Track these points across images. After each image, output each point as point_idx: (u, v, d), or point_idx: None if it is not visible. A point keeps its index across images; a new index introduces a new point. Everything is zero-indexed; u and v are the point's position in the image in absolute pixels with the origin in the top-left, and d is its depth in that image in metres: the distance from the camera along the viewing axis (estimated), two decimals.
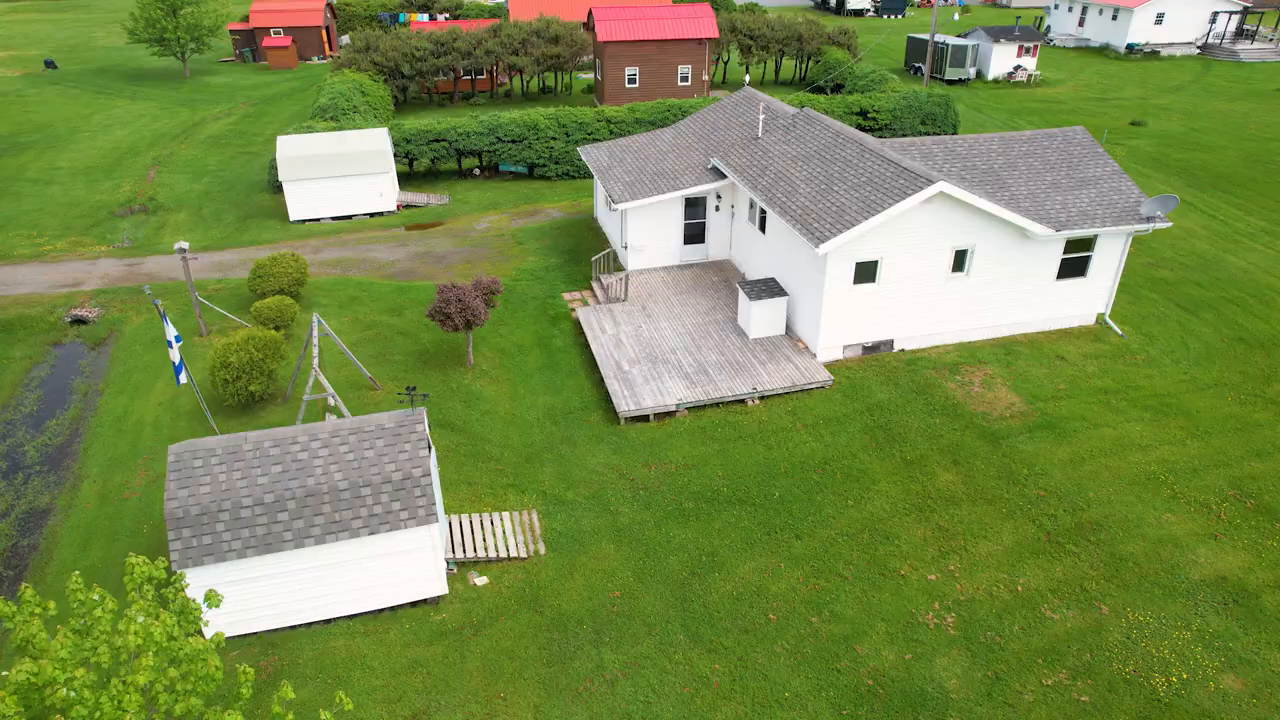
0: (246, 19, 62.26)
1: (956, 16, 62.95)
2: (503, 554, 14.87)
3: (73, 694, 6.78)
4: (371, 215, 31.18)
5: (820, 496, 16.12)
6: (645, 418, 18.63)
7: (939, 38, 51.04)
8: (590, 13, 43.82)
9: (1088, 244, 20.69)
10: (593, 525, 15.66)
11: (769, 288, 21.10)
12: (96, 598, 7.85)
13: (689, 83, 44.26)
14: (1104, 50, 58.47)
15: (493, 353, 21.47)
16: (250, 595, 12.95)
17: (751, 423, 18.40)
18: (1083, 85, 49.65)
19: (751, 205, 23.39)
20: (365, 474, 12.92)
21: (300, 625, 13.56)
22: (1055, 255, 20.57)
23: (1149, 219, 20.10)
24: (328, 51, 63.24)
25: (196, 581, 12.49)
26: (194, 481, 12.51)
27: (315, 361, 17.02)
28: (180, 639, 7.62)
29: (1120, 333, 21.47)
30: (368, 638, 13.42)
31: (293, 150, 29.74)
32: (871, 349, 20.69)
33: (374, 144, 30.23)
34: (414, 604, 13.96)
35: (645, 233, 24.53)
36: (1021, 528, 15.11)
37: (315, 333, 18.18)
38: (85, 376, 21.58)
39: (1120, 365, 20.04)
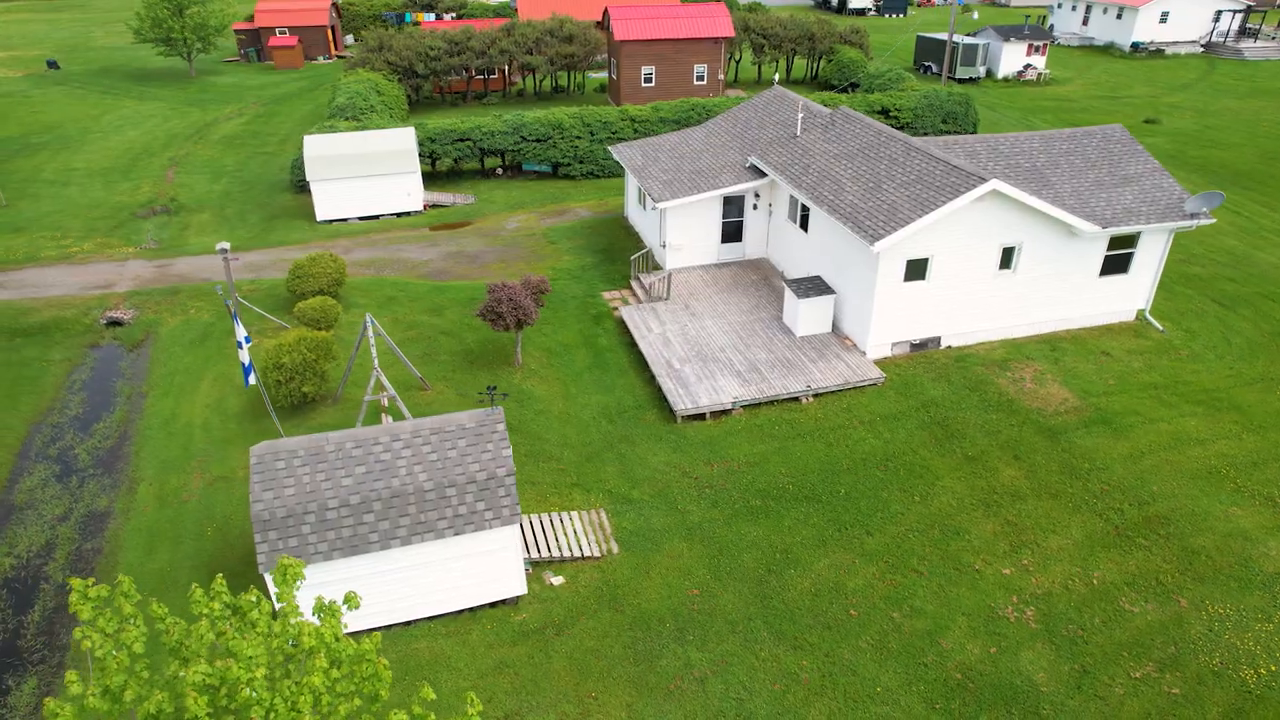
0: (251, 19, 61.83)
1: (975, 15, 63.18)
2: (576, 553, 14.85)
3: (253, 694, 6.75)
4: (399, 215, 31.04)
5: (886, 493, 16.19)
6: (701, 416, 18.65)
7: (947, 37, 51.26)
8: (606, 12, 43.78)
9: (1131, 241, 20.86)
10: (663, 524, 15.67)
11: (816, 286, 21.16)
12: (254, 599, 7.78)
13: (704, 82, 44.29)
14: (1109, 49, 58.93)
15: (539, 352, 21.43)
16: (334, 598, 12.85)
17: (808, 420, 18.46)
18: (1092, 84, 50.03)
19: (792, 203, 23.44)
20: (450, 474, 12.87)
21: (380, 628, 13.50)
22: (1099, 252, 20.72)
23: (1193, 215, 20.28)
24: (333, 51, 62.91)
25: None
26: (278, 483, 12.43)
27: (375, 362, 16.94)
28: (345, 640, 7.58)
29: (1161, 329, 21.66)
30: (450, 639, 13.38)
31: (320, 150, 29.58)
32: (919, 346, 20.79)
33: (401, 143, 30.10)
34: (493, 605, 13.93)
35: (684, 231, 24.54)
36: (1089, 522, 15.23)
37: (370, 333, 18.10)
38: (127, 379, 21.41)
39: (1166, 361, 20.22)
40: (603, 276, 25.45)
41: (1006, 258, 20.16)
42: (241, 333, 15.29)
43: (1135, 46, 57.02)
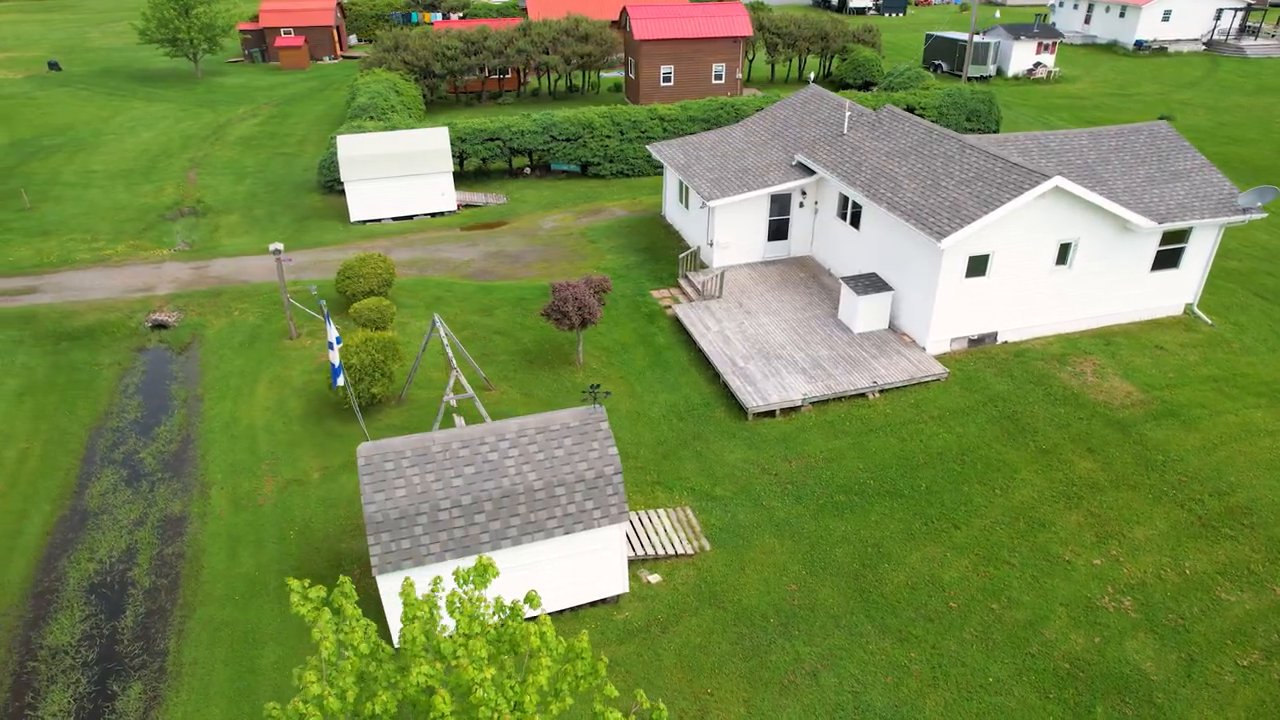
0: (256, 19, 61.26)
1: (998, 14, 63.63)
2: (669, 551, 14.88)
3: (484, 694, 6.72)
4: (432, 215, 30.90)
5: (966, 487, 16.34)
6: (771, 413, 18.72)
7: (959, 35, 51.71)
8: (624, 11, 43.77)
9: (1182, 236, 21.14)
10: (749, 520, 15.73)
11: (873, 283, 21.29)
12: (457, 602, 7.73)
13: (723, 81, 44.40)
14: (1112, 47, 59.63)
15: (597, 351, 21.43)
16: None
17: (877, 416, 18.58)
18: (1100, 81, 50.60)
19: (841, 200, 23.57)
20: (558, 473, 12.87)
21: None
22: (1151, 247, 20.99)
23: (1246, 210, 20.60)
24: (338, 51, 62.48)
25: (393, 586, 12.38)
26: (388, 484, 12.37)
27: (453, 362, 16.88)
28: (558, 639, 7.57)
29: (1210, 322, 21.98)
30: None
31: (353, 150, 29.39)
32: (977, 341, 20.98)
33: (435, 143, 29.96)
34: (593, 604, 13.94)
35: (731, 229, 24.61)
36: (1172, 513, 15.44)
37: (443, 333, 18.04)
38: (180, 382, 21.19)
39: (1220, 354, 20.52)
40: (649, 275, 25.46)
41: (1063, 253, 20.38)
42: (333, 333, 15.17)
43: (1139, 44, 57.73)
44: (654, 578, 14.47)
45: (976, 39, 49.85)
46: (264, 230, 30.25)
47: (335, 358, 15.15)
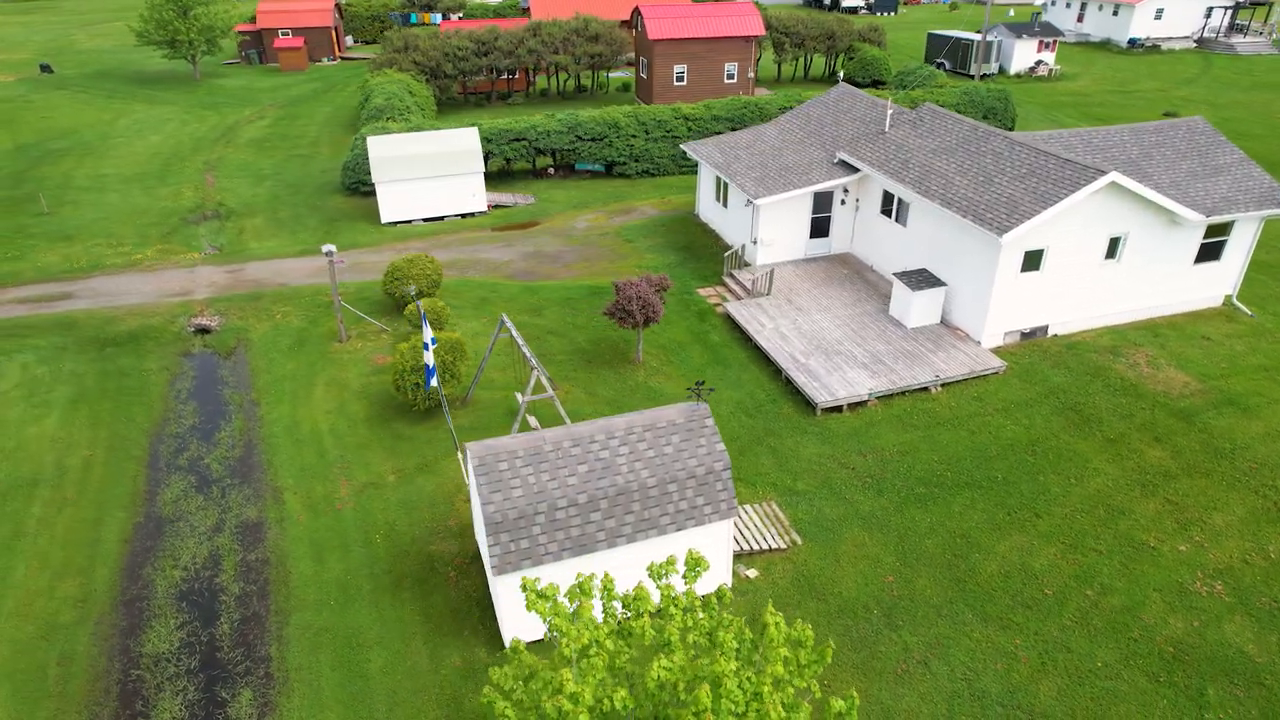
0: (253, 20, 60.51)
1: (1011, 12, 64.24)
2: (762, 545, 14.99)
3: (733, 686, 6.77)
4: (463, 216, 30.77)
5: (1042, 477, 16.62)
6: (838, 408, 18.91)
7: (962, 34, 52.37)
8: (637, 11, 43.82)
9: (1224, 229, 21.63)
10: (835, 513, 15.89)
11: (925, 278, 21.55)
12: (699, 604, 7.72)
13: (735, 80, 44.61)
14: (1106, 45, 60.68)
15: (654, 349, 21.48)
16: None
17: (942, 409, 18.83)
18: (1099, 79, 51.49)
19: (885, 197, 23.82)
20: (670, 470, 12.92)
21: None
22: (1195, 241, 21.45)
23: None
24: (336, 53, 61.89)
25: (510, 586, 12.38)
26: (504, 485, 12.35)
27: (533, 361, 16.85)
28: (784, 627, 7.63)
29: (1250, 313, 22.50)
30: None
31: (384, 151, 29.19)
32: (1029, 335, 21.31)
33: (466, 143, 29.84)
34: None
35: (775, 227, 24.78)
36: (1247, 499, 15.82)
37: (513, 332, 18.00)
38: (232, 387, 20.95)
39: (1266, 344, 21.02)
40: (692, 274, 25.56)
41: (1112, 247, 20.76)
42: (429, 334, 15.08)
43: (1132, 42, 58.82)
44: (751, 572, 14.57)
45: (976, 37, 50.49)
46: (292, 233, 29.95)
47: (430, 359, 15.07)
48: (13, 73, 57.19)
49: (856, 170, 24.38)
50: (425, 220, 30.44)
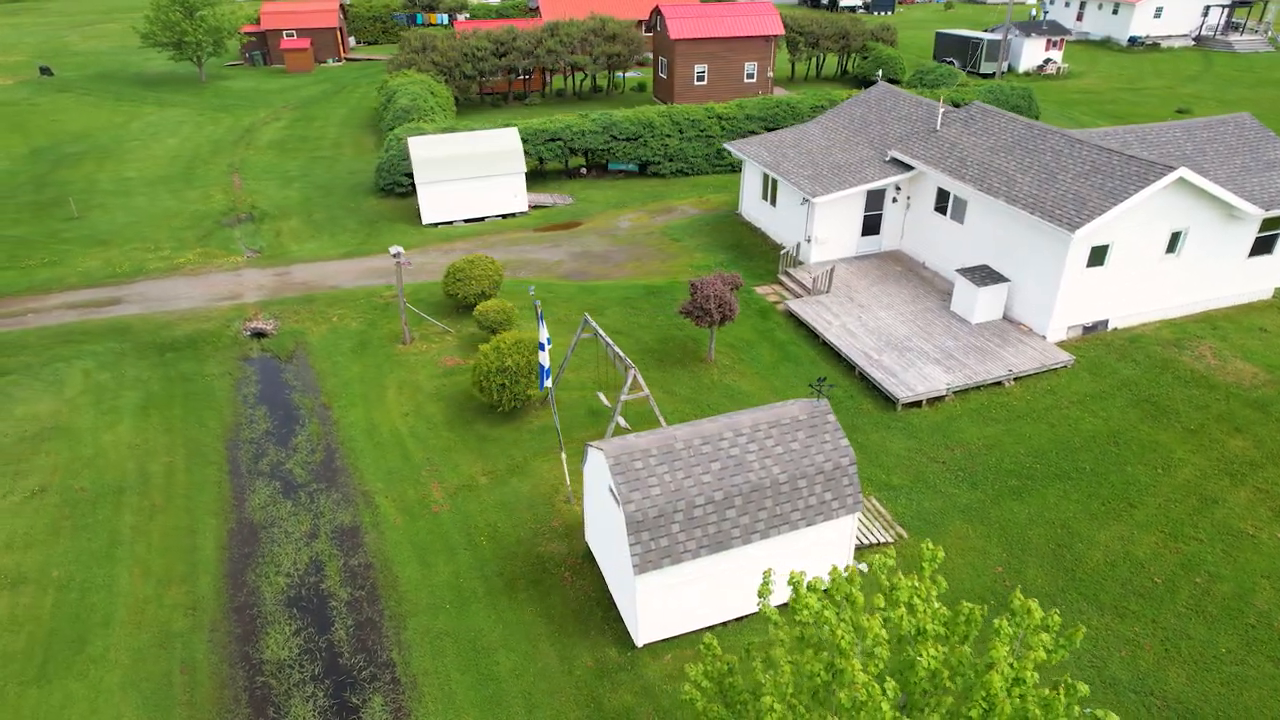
0: (257, 21, 59.81)
1: (1034, 13, 64.89)
2: (870, 540, 15.13)
3: (1004, 672, 6.85)
4: (504, 217, 30.66)
5: (1129, 468, 16.90)
6: (918, 403, 19.09)
7: (970, 33, 52.95)
8: (658, 10, 43.86)
9: (1277, 222, 22.08)
10: (934, 507, 16.05)
11: (989, 275, 21.81)
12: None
13: (754, 79, 44.80)
14: (1106, 43, 61.60)
15: (722, 347, 21.55)
16: (693, 596, 12.90)
17: (1019, 403, 19.07)
18: (1106, 77, 52.27)
19: (940, 195, 24.06)
20: (799, 466, 13.00)
21: (716, 625, 13.55)
22: (1251, 234, 21.87)
23: None
24: (341, 54, 61.34)
25: (650, 586, 12.40)
26: (642, 484, 12.36)
27: (627, 360, 16.83)
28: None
29: None
30: (788, 629, 13.48)
31: (426, 152, 29.02)
32: (1090, 329, 21.63)
33: (507, 144, 29.74)
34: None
35: (829, 225, 24.95)
36: None
37: (597, 331, 17.99)
38: (300, 391, 20.75)
39: None
40: (746, 272, 25.63)
41: (1173, 242, 21.13)
42: (544, 335, 15.03)
43: (1133, 40, 59.77)
44: (863, 566, 14.67)
45: (987, 36, 51.13)
46: (332, 235, 29.69)
47: (545, 360, 15.02)
48: (11, 75, 56.16)
49: (909, 168, 24.60)
50: (466, 221, 30.30)
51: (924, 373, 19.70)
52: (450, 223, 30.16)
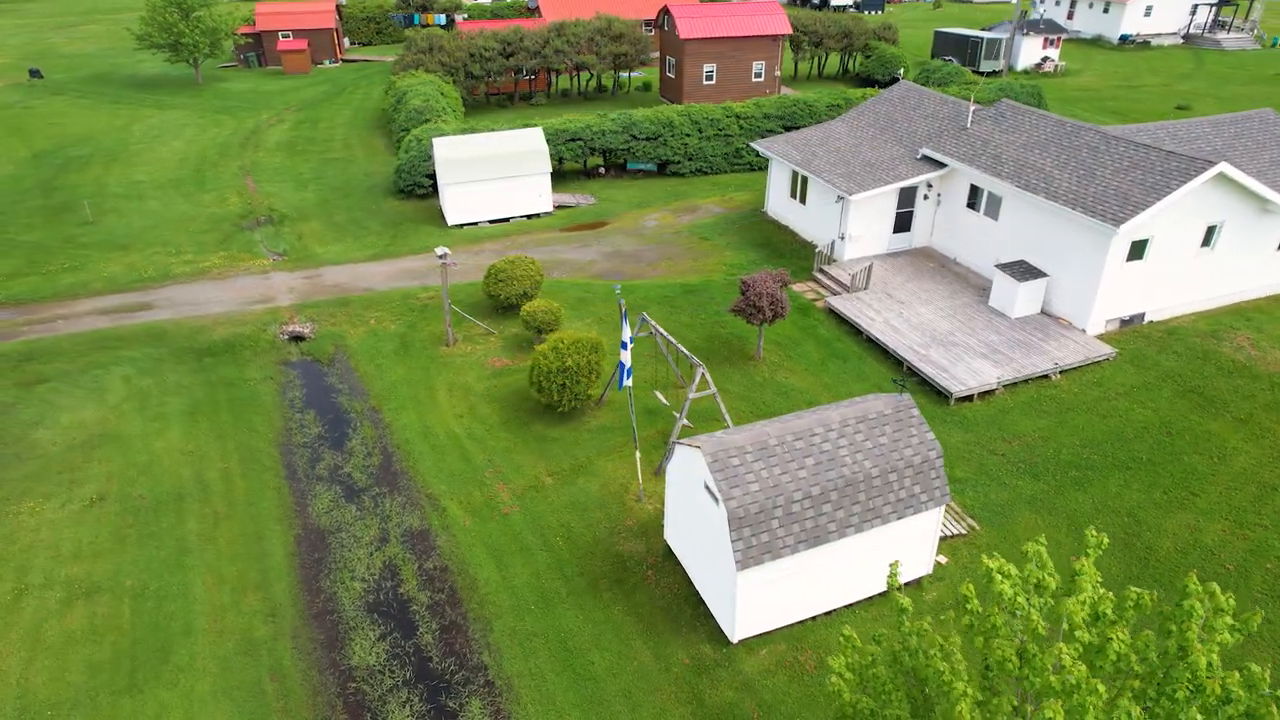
0: (252, 22, 59.03)
1: (1040, 11, 65.28)
2: (944, 532, 15.28)
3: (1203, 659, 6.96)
4: (528, 217, 30.55)
5: (1186, 457, 17.21)
6: (969, 397, 19.31)
7: (969, 32, 53.54)
8: (665, 10, 43.92)
9: None
10: (1000, 498, 16.26)
11: (1027, 270, 22.09)
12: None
13: (762, 78, 45.00)
14: (1097, 41, 62.57)
15: (768, 345, 21.65)
16: (788, 591, 12.96)
17: (1067, 395, 19.35)
18: (1102, 74, 53.11)
19: (973, 191, 24.33)
20: (889, 460, 13.12)
21: (807, 619, 13.62)
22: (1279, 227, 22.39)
23: None
24: (338, 55, 60.72)
25: (750, 581, 12.45)
26: (741, 480, 12.41)
27: (694, 358, 16.86)
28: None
29: None
30: (878, 623, 13.60)
31: (451, 153, 28.85)
32: (1127, 322, 21.99)
33: (532, 144, 29.65)
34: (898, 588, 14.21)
35: (863, 223, 25.15)
36: None
37: (656, 329, 18.01)
38: (346, 394, 20.57)
39: None
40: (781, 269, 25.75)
41: (1208, 235, 21.55)
42: (627, 334, 15.01)
43: (1124, 39, 60.78)
44: (941, 558, 14.84)
45: (990, 35, 51.74)
46: (356, 237, 29.43)
47: (628, 359, 15.00)
48: (0, 78, 54.99)
49: (941, 165, 24.87)
50: (491, 222, 30.16)
51: (972, 367, 19.92)
52: (475, 224, 30.00)
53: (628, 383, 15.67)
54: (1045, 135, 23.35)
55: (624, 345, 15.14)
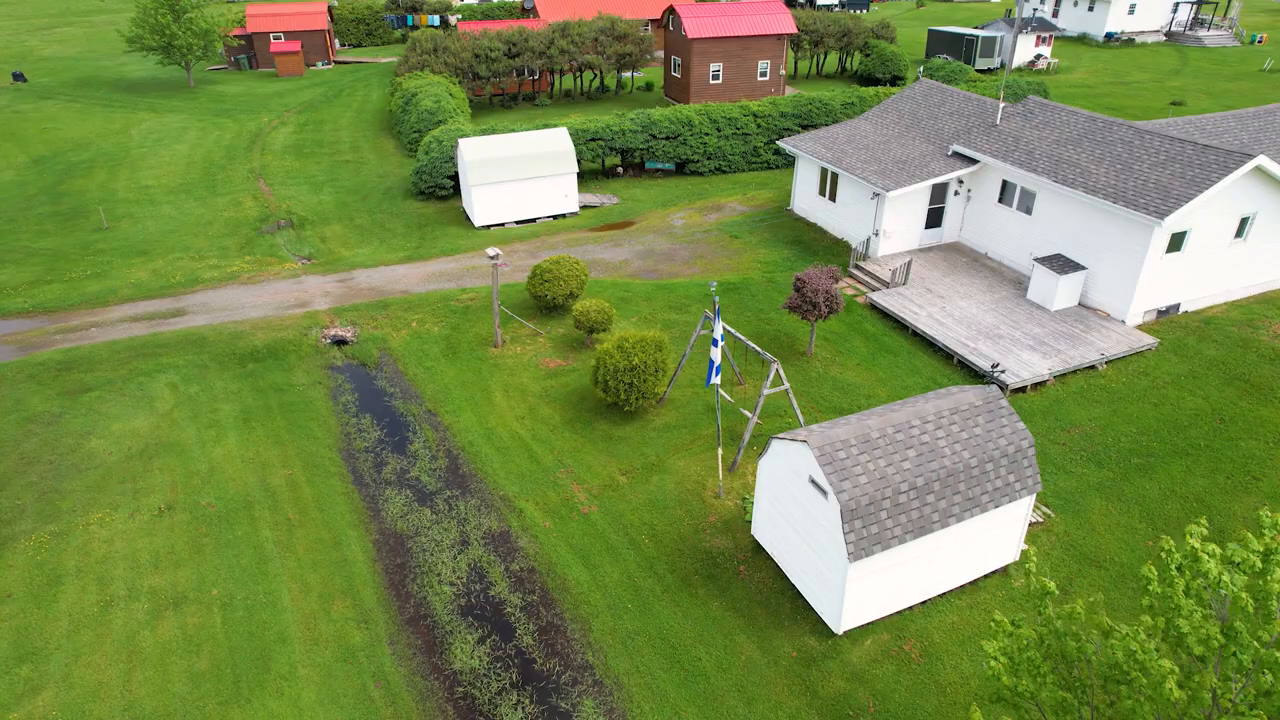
0: (244, 24, 58.09)
1: (1041, 8, 65.88)
2: None
3: None
4: (555, 217, 30.47)
5: (1242, 442, 17.68)
6: (1023, 388, 19.65)
7: (963, 30, 54.35)
8: (671, 10, 44.02)
9: None
10: (1070, 486, 16.57)
11: (1066, 263, 22.53)
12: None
13: (767, 78, 45.30)
14: (1083, 39, 63.86)
15: (816, 341, 21.83)
16: (891, 581, 13.12)
17: (1117, 385, 19.78)
18: (1093, 71, 54.22)
19: (1005, 187, 24.73)
20: (985, 450, 13.33)
21: (904, 609, 13.79)
22: None
23: None
24: (330, 56, 59.99)
25: (860, 573, 12.59)
26: (850, 473, 12.54)
27: (766, 353, 16.96)
28: None
29: None
30: (972, 610, 13.83)
31: (479, 154, 28.68)
32: (1164, 313, 22.52)
33: (559, 144, 29.58)
34: (986, 576, 14.47)
35: (897, 219, 25.46)
36: None
37: (730, 330, 18.08)
38: (399, 398, 20.38)
39: None
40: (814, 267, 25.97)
41: (1241, 227, 22.14)
42: (719, 331, 15.05)
43: (1109, 36, 62.10)
44: (1023, 545, 15.10)
45: (986, 33, 52.56)
46: (382, 240, 29.14)
47: (718, 356, 15.05)
48: None
49: (973, 162, 25.26)
50: (518, 222, 30.04)
51: (1022, 359, 20.28)
52: (502, 224, 29.87)
53: (715, 380, 15.72)
54: (1078, 131, 23.82)
55: (714, 342, 15.20)
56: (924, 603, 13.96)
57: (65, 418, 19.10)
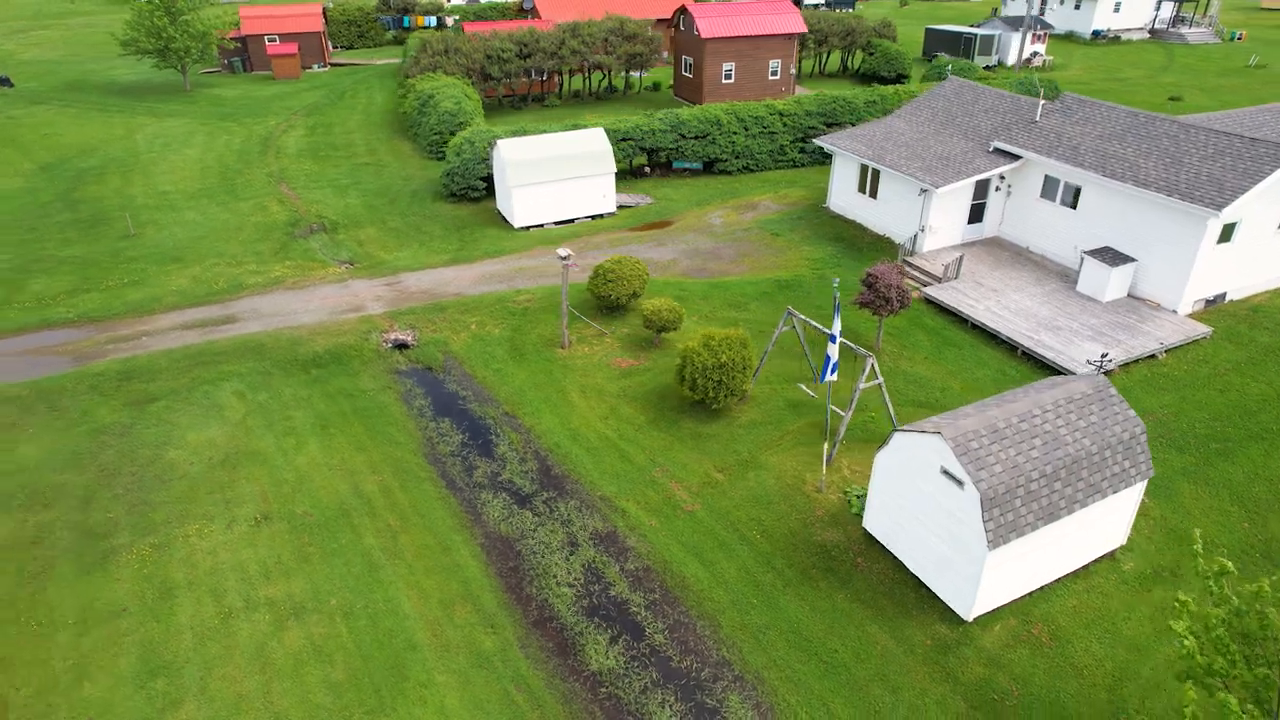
0: (238, 26, 57.02)
1: (980, 15, 67.06)
2: None
3: None
4: (593, 218, 30.42)
5: None
6: None
7: (960, 28, 55.29)
8: (684, 9, 44.16)
9: None
10: (1156, 472, 16.97)
11: (1115, 255, 23.07)
12: None
13: (778, 77, 45.64)
14: (1070, 37, 65.28)
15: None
16: (1020, 566, 13.37)
17: (1180, 373, 20.32)
18: (1087, 68, 55.45)
19: (1048, 182, 25.22)
20: (1102, 437, 13.64)
21: (1024, 595, 14.06)
22: None
23: None
24: (326, 58, 59.13)
25: (996, 560, 12.82)
26: (985, 463, 12.75)
27: (859, 349, 17.15)
28: None
29: None
30: (1090, 594, 14.14)
31: (517, 155, 28.54)
32: (1212, 302, 23.17)
33: (597, 145, 29.54)
34: (1096, 560, 14.79)
35: (943, 214, 25.85)
36: None
37: (811, 324, 18.24)
38: (474, 401, 20.24)
39: None
40: (860, 263, 26.24)
41: None
42: (838, 327, 15.15)
43: (1096, 34, 63.56)
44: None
45: (984, 32, 53.52)
46: (421, 242, 28.85)
47: (835, 353, 15.16)
48: None
49: (1015, 158, 25.75)
50: (557, 223, 29.94)
51: (1085, 349, 20.74)
52: (541, 225, 29.75)
53: (832, 377, 15.86)
54: (1120, 126, 24.40)
55: (832, 339, 15.33)
56: (1042, 588, 14.25)
57: (137, 429, 18.65)
